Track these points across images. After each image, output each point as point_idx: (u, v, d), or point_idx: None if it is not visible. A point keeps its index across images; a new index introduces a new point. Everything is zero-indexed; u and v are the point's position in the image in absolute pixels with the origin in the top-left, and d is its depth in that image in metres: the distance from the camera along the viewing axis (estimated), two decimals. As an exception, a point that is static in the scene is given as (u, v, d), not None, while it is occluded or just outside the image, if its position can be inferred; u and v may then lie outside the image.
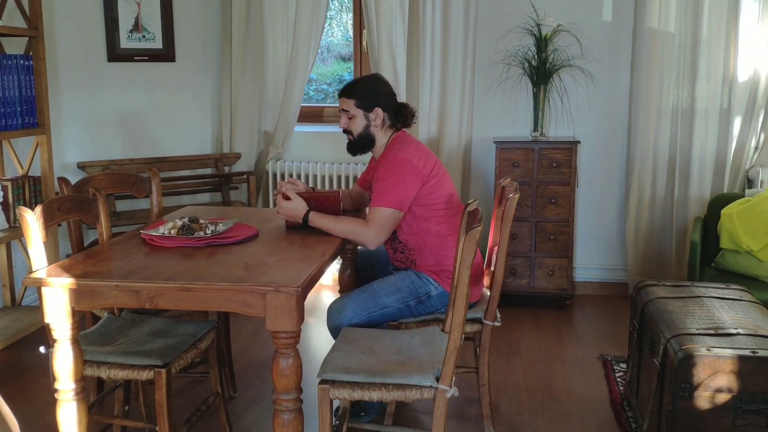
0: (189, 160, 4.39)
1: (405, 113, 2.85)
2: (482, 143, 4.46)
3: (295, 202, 2.71)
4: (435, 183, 2.74)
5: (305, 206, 2.71)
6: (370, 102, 2.80)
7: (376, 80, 2.90)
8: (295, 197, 2.72)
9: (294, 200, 2.71)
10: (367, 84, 2.85)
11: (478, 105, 4.42)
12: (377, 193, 2.68)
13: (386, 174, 2.69)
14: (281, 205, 2.73)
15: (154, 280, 2.11)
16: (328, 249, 2.47)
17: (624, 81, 4.32)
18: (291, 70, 4.45)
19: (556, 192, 4.12)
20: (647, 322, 2.74)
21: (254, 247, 2.50)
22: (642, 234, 4.37)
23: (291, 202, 2.71)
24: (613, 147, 4.40)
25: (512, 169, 4.12)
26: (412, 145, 2.78)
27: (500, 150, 4.13)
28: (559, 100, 4.28)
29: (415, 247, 2.77)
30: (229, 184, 4.40)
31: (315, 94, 5.30)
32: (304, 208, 2.70)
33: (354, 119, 2.82)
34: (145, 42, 4.40)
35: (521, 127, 4.42)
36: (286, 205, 2.71)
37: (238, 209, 3.25)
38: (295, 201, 2.71)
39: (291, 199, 2.72)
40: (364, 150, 2.87)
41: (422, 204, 2.73)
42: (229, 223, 2.69)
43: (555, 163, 4.09)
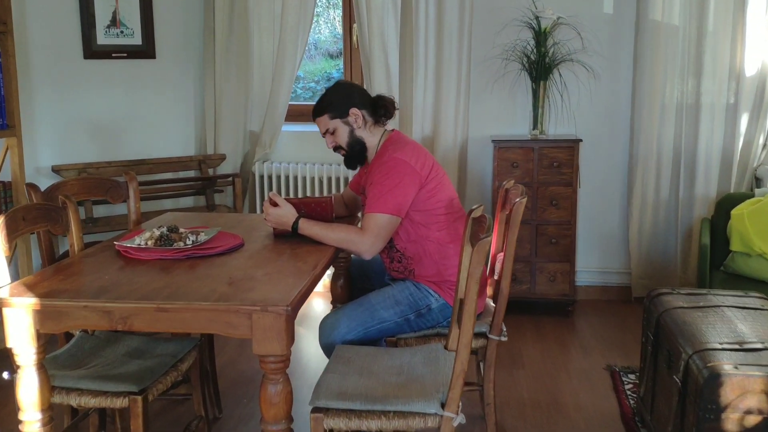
0: (170, 162, 4.17)
1: (383, 104, 2.66)
2: (479, 142, 4.27)
3: (284, 209, 2.50)
4: (434, 186, 2.54)
5: (294, 213, 2.51)
6: (342, 107, 2.61)
7: (340, 85, 2.74)
8: (283, 203, 2.51)
9: (282, 206, 2.51)
10: (332, 93, 2.66)
11: (475, 102, 4.22)
12: (372, 198, 2.47)
13: (381, 177, 2.48)
14: (268, 212, 2.52)
15: (127, 299, 1.90)
16: (320, 260, 2.27)
17: (626, 76, 4.14)
18: (278, 67, 4.23)
19: (558, 193, 3.93)
20: (663, 334, 2.55)
21: (239, 258, 2.29)
22: (645, 236, 4.19)
23: (279, 208, 2.51)
24: (614, 145, 4.22)
25: (511, 169, 3.93)
26: (408, 146, 2.58)
27: (498, 149, 3.94)
28: (558, 96, 4.09)
29: (413, 255, 2.57)
30: (213, 187, 4.18)
31: (303, 92, 5.09)
32: (293, 214, 2.50)
33: (336, 132, 2.63)
34: (124, 38, 4.17)
35: (519, 125, 4.22)
36: (274, 212, 2.51)
37: (223, 215, 3.04)
38: (284, 207, 2.51)
39: (279, 205, 2.51)
40: (361, 158, 2.67)
41: (421, 209, 2.53)
42: (212, 232, 2.47)
43: (556, 163, 3.90)
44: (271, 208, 2.51)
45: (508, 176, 3.89)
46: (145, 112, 4.25)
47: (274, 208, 2.51)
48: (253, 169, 4.36)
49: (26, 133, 3.74)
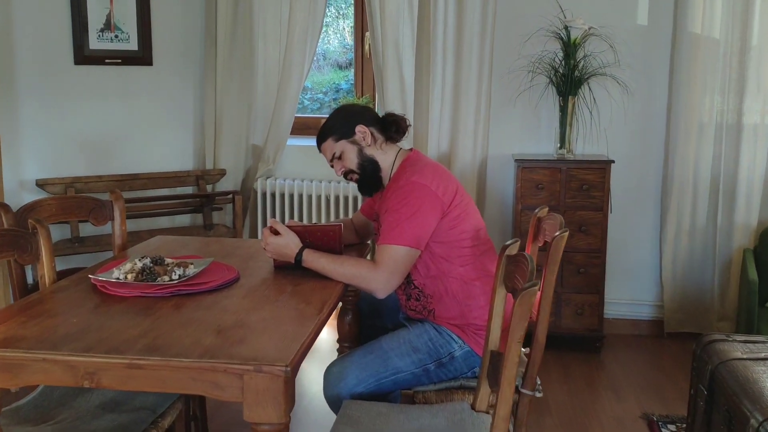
0: (166, 177, 3.85)
1: (393, 119, 2.36)
2: (499, 161, 3.94)
3: (286, 238, 2.18)
4: (458, 214, 2.22)
5: (298, 243, 2.18)
6: (346, 126, 2.32)
7: (342, 108, 2.46)
8: (285, 231, 2.19)
9: (284, 235, 2.19)
10: (334, 116, 2.38)
11: (496, 117, 3.90)
12: (388, 227, 2.15)
13: (398, 203, 2.16)
14: (268, 241, 2.20)
15: (95, 351, 1.57)
16: (326, 300, 1.94)
17: (661, 92, 3.81)
18: (284, 76, 3.92)
19: (587, 219, 3.60)
20: (721, 391, 2.21)
21: (233, 297, 1.96)
22: (680, 266, 3.85)
23: (280, 237, 2.19)
24: (647, 167, 3.89)
25: (536, 191, 3.60)
26: (427, 167, 2.25)
27: (522, 169, 3.61)
28: (587, 113, 3.77)
29: (433, 294, 2.24)
30: (211, 204, 3.86)
31: (310, 104, 4.79)
32: (296, 245, 2.18)
33: (344, 155, 2.32)
34: (118, 43, 3.87)
35: (544, 144, 3.90)
36: (275, 241, 2.19)
37: (219, 241, 2.71)
38: (286, 236, 2.18)
39: (281, 233, 2.19)
40: (375, 180, 2.34)
41: (443, 241, 2.21)
42: (203, 264, 2.15)
43: (585, 186, 3.57)
44: (272, 236, 2.19)
45: (533, 199, 3.57)
46: (139, 123, 3.95)
47: (274, 237, 2.19)
48: (256, 186, 4.04)
49: (10, 144, 3.44)
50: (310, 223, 2.36)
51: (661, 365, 3.58)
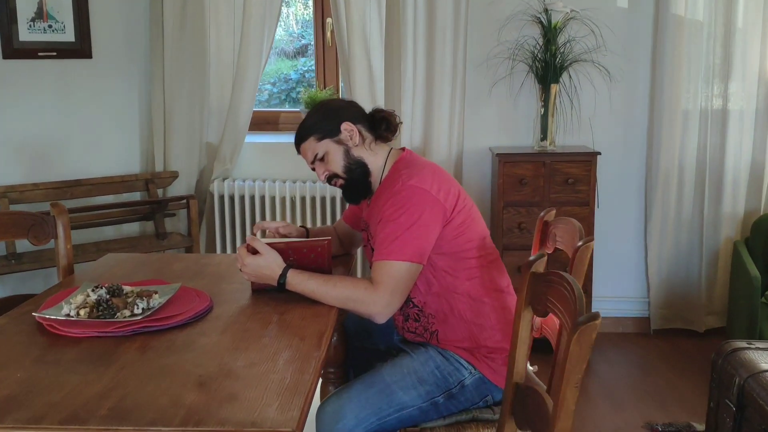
0: (111, 183, 3.47)
1: (383, 116, 2.08)
2: (475, 155, 3.69)
3: (267, 258, 1.88)
4: (462, 221, 1.95)
5: (281, 262, 1.88)
6: (330, 124, 2.02)
7: (323, 104, 2.15)
8: (265, 250, 1.88)
9: (264, 254, 1.88)
10: (315, 112, 2.08)
11: (471, 108, 3.65)
12: (384, 240, 1.86)
13: (395, 211, 1.88)
14: (245, 261, 1.89)
15: (48, 423, 1.24)
16: (324, 332, 1.66)
17: (643, 78, 3.62)
18: (240, 68, 3.58)
19: (572, 214, 3.35)
20: (756, 408, 2.01)
21: (209, 332, 1.65)
22: (666, 260, 3.68)
23: (260, 257, 1.88)
24: (630, 157, 3.70)
25: (518, 187, 3.37)
26: (425, 169, 1.97)
27: (504, 164, 3.37)
28: (568, 102, 3.54)
29: (436, 313, 1.97)
30: (163, 211, 3.50)
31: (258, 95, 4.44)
32: (279, 265, 1.87)
33: (328, 156, 2.02)
34: (53, 34, 3.46)
35: (522, 136, 3.67)
36: (254, 262, 1.88)
37: (181, 258, 2.38)
38: (267, 255, 1.88)
39: (259, 252, 1.88)
40: (364, 185, 2.06)
41: (445, 252, 1.94)
42: (169, 291, 1.83)
43: (571, 179, 3.35)
44: (250, 256, 1.88)
45: (515, 195, 3.35)
46: (79, 123, 3.55)
47: (253, 258, 1.88)
48: (212, 189, 3.69)
49: (-72, 150, 3.02)
50: (293, 239, 2.05)
51: (652, 366, 3.40)
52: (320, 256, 1.92)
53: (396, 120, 2.09)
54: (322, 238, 1.94)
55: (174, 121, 3.64)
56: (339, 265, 2.16)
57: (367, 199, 2.11)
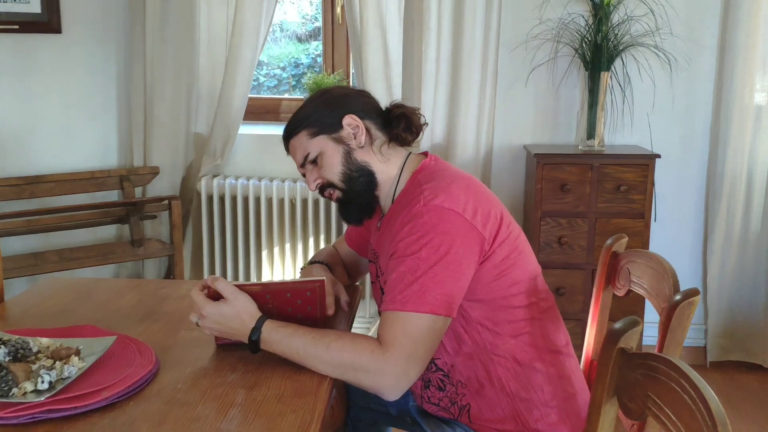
0: (79, 179, 2.96)
1: (402, 112, 1.56)
2: (507, 154, 3.16)
3: (233, 304, 1.35)
4: (507, 255, 1.42)
5: (254, 311, 1.36)
6: (330, 116, 1.52)
7: (324, 91, 1.61)
8: (232, 294, 1.36)
9: (231, 301, 1.35)
10: (312, 101, 1.57)
11: (504, 99, 3.10)
12: (399, 283, 1.34)
13: (413, 242, 1.35)
14: (202, 311, 1.37)
15: None
16: (310, 423, 1.14)
17: (707, 67, 3.05)
18: (234, 47, 3.05)
19: (624, 228, 2.84)
20: None
21: (145, 417, 1.14)
22: (728, 282, 3.13)
23: (225, 304, 1.36)
24: (689, 161, 3.14)
25: (560, 194, 2.82)
26: (457, 182, 1.43)
27: (542, 166, 2.82)
28: (618, 94, 2.99)
29: (468, 381, 1.44)
30: (140, 213, 2.99)
31: (266, 80, 3.93)
32: (251, 315, 1.35)
33: (323, 158, 1.52)
34: (14, 4, 2.95)
35: (563, 132, 3.12)
36: (215, 310, 1.36)
37: (141, 285, 1.86)
38: (233, 302, 1.35)
39: (224, 297, 1.36)
40: (368, 200, 1.55)
41: (483, 299, 1.41)
42: (98, 349, 1.31)
43: (623, 186, 2.81)
44: (210, 304, 1.36)
45: (556, 203, 2.81)
46: (45, 109, 3.04)
47: (215, 305, 1.36)
48: (199, 187, 3.17)
49: None
50: (273, 281, 1.50)
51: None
52: (310, 302, 1.39)
53: (419, 119, 1.56)
54: (313, 278, 1.40)
55: (156, 107, 3.11)
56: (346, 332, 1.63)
57: (372, 218, 1.59)
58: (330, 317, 1.47)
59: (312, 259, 1.73)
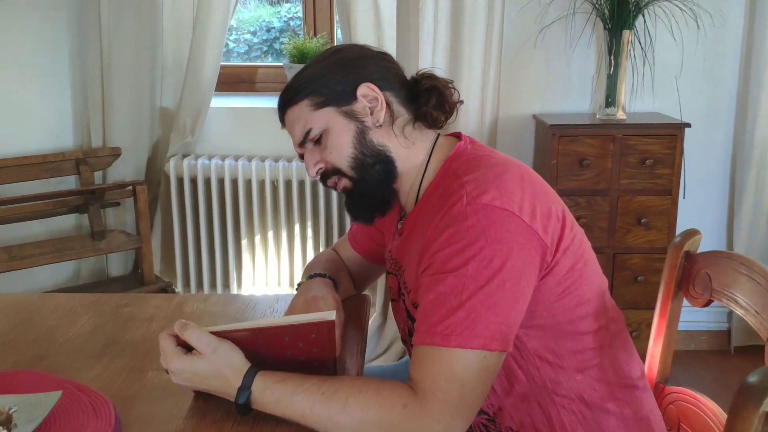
0: (26, 165, 2.56)
1: (433, 85, 1.21)
2: (513, 123, 2.83)
3: (208, 360, 1.01)
4: (572, 265, 1.11)
5: (239, 363, 1.02)
6: (342, 82, 1.18)
7: (336, 50, 1.26)
8: (207, 345, 1.01)
9: (205, 353, 1.01)
10: (319, 62, 1.23)
11: (511, 62, 2.76)
12: (436, 309, 1.01)
13: (456, 253, 1.02)
14: (172, 366, 1.03)
15: None
16: None
17: (734, 25, 2.74)
18: (202, 8, 2.66)
19: (649, 207, 2.54)
20: None
21: None
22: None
23: (198, 359, 1.02)
24: (714, 130, 2.84)
25: (578, 169, 2.51)
26: (508, 172, 1.09)
27: (559, 138, 2.50)
28: (639, 56, 2.67)
29: (521, 428, 1.13)
30: (99, 202, 2.62)
31: (236, 46, 3.54)
32: (236, 369, 1.02)
33: (328, 136, 1.18)
34: (-56, -41, 2.53)
35: (575, 99, 2.80)
36: (187, 367, 1.02)
37: (100, 301, 1.50)
38: (208, 356, 1.01)
39: (196, 348, 1.02)
40: (385, 192, 1.22)
41: (542, 323, 1.10)
42: (37, 413, 0.97)
43: (649, 160, 2.50)
44: (179, 356, 1.02)
45: (574, 179, 2.50)
46: (-14, 82, 2.64)
47: (186, 360, 1.02)
48: (167, 169, 2.80)
49: None
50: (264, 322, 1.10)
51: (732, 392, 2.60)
52: (315, 345, 1.04)
53: (451, 94, 1.23)
54: (319, 317, 1.03)
55: (116, 79, 2.71)
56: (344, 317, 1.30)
57: (387, 216, 1.26)
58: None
59: (310, 268, 1.39)
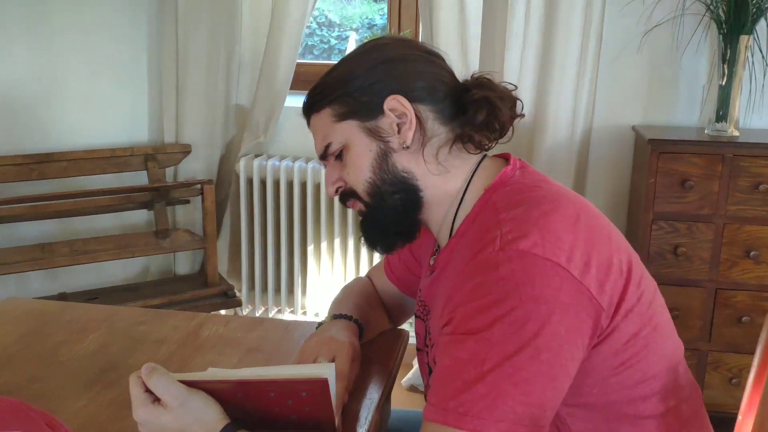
0: (95, 158, 2.53)
1: (485, 97, 0.99)
2: (609, 135, 2.55)
3: (174, 414, 0.86)
4: (636, 332, 0.88)
5: (213, 421, 0.86)
6: (371, 91, 0.98)
7: (372, 46, 1.05)
8: (174, 398, 0.86)
9: (172, 408, 0.86)
10: (350, 61, 1.03)
11: (609, 68, 2.48)
12: (451, 379, 0.81)
13: (478, 311, 0.82)
14: (136, 413, 0.88)
15: None
16: None
17: None
18: (279, 2, 2.54)
19: (760, 238, 2.21)
20: None
21: None
22: None
23: (163, 412, 0.86)
24: None
25: (679, 191, 2.21)
26: (558, 210, 0.88)
27: (658, 155, 2.21)
28: (759, 65, 2.34)
29: None
30: (165, 200, 2.55)
31: (338, 43, 3.42)
32: (208, 429, 0.85)
33: (348, 153, 1.01)
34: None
35: (683, 111, 2.49)
36: (150, 419, 0.87)
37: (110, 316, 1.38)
38: (175, 410, 0.86)
39: (161, 399, 0.87)
40: (403, 227, 1.03)
41: (592, 404, 0.88)
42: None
43: (763, 185, 2.17)
44: (145, 404, 0.87)
45: (673, 203, 2.21)
46: (62, 73, 2.61)
47: (149, 412, 0.87)
48: (237, 169, 2.71)
49: None
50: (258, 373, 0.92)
51: None
52: (307, 404, 0.87)
53: (510, 109, 1.02)
54: (313, 372, 0.85)
55: (190, 74, 2.65)
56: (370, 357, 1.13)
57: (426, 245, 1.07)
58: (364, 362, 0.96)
59: (337, 304, 1.22)
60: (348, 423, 1.01)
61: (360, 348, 1.10)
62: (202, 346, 1.26)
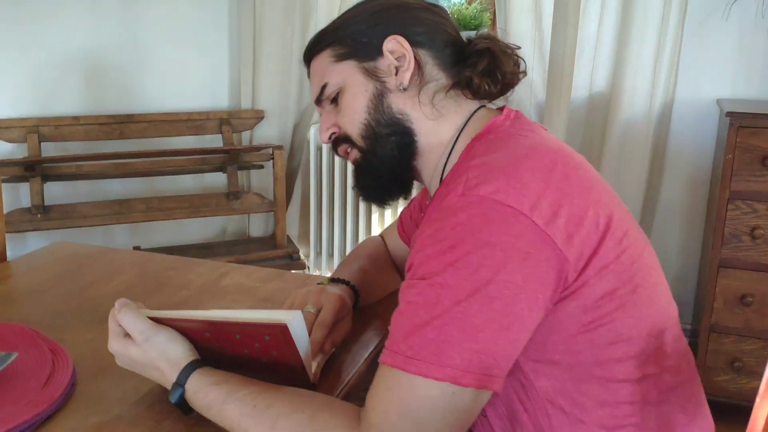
0: (173, 120, 2.64)
1: (487, 48, 0.97)
2: (692, 110, 2.40)
3: (141, 348, 0.89)
4: (611, 290, 0.82)
5: (177, 357, 0.88)
6: (370, 32, 0.97)
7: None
8: (141, 333, 0.89)
9: (139, 342, 0.89)
10: (355, 7, 1.02)
11: (693, 37, 2.33)
12: (403, 323, 0.80)
13: (433, 255, 0.80)
14: (110, 345, 0.92)
15: None
16: None
17: None
18: (352, -30, 2.56)
19: None
20: None
21: None
22: None
23: (132, 345, 0.89)
24: None
25: (759, 169, 2.05)
26: (531, 158, 0.84)
27: (737, 129, 2.06)
28: None
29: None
30: (238, 163, 2.63)
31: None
32: (173, 363, 0.87)
33: (343, 96, 0.99)
34: None
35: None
36: (121, 351, 0.91)
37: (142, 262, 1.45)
38: (141, 344, 0.89)
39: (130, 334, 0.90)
40: (397, 174, 1.02)
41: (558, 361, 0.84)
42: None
43: None
44: (118, 338, 0.91)
45: (751, 181, 2.06)
46: (148, 44, 2.73)
47: (120, 344, 0.91)
48: (309, 136, 2.75)
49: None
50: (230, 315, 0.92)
51: None
52: (274, 347, 0.87)
53: (513, 63, 0.98)
54: (277, 317, 0.84)
55: (266, 42, 2.70)
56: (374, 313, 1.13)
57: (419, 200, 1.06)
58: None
59: (344, 264, 1.22)
60: (333, 375, 1.01)
61: (351, 305, 1.09)
62: (219, 292, 1.29)
